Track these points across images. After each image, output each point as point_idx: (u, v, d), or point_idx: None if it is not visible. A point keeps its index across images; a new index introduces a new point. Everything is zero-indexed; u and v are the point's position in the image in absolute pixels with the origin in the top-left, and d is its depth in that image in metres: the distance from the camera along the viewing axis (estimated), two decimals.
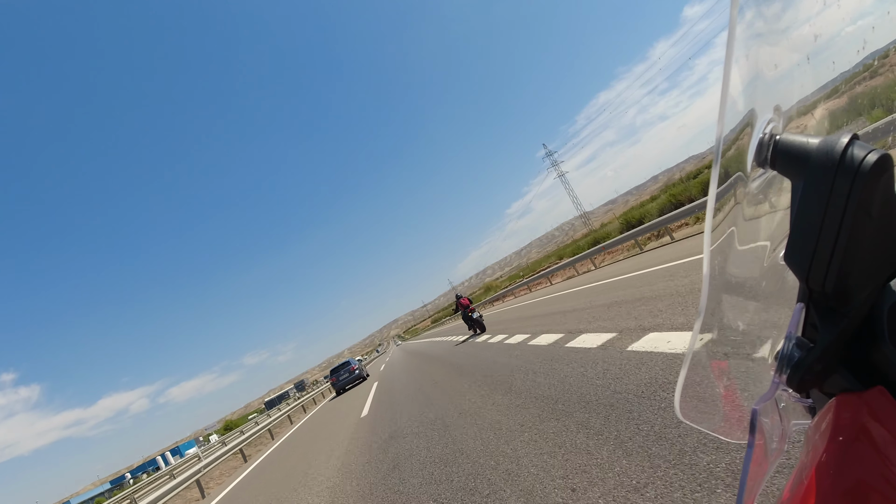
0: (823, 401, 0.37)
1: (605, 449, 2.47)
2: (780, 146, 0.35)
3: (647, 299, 5.62)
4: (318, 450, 7.35)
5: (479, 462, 3.19)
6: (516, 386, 4.76)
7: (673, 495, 1.81)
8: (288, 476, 6.55)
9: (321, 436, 8.94)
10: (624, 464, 2.22)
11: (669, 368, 3.13)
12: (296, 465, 7.08)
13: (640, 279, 7.62)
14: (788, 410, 0.41)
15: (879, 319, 0.33)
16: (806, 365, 0.35)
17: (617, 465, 2.25)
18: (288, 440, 11.99)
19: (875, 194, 0.31)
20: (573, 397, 3.53)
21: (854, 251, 0.32)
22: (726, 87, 0.33)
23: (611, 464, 2.29)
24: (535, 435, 3.15)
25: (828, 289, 0.33)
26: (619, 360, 3.83)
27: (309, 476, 5.69)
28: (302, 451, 8.29)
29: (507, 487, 2.62)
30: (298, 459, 7.56)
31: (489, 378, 5.94)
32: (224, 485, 9.93)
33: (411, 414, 6.29)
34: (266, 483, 7.06)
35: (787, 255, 0.35)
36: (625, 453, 2.32)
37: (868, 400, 0.33)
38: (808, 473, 0.32)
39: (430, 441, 4.41)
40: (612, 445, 2.47)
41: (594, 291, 9.14)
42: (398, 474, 3.86)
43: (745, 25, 0.35)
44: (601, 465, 2.33)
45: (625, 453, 2.32)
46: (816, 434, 0.35)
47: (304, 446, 8.82)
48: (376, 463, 4.58)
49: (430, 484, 3.29)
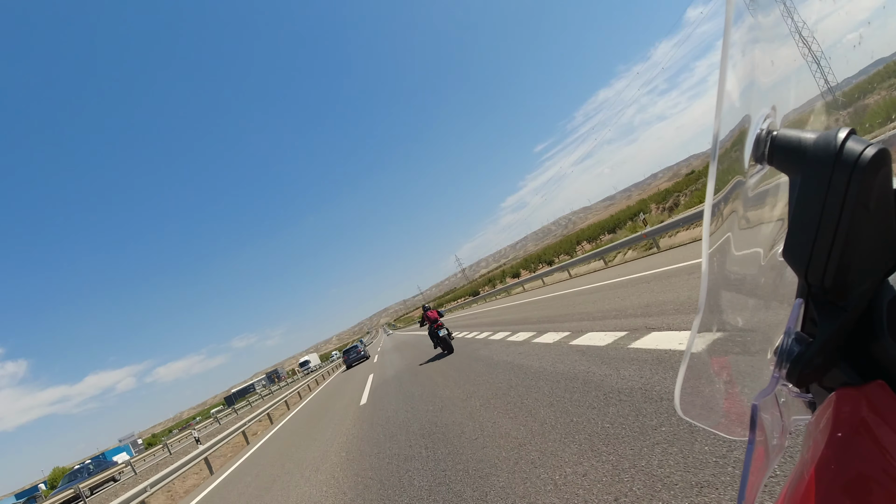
0: (823, 395, 0.37)
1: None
2: (777, 141, 0.35)
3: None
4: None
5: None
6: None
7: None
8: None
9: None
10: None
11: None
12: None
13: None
14: (788, 405, 0.41)
15: (879, 314, 0.33)
16: (805, 360, 0.36)
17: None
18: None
19: (873, 189, 0.31)
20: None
21: (852, 246, 0.32)
22: (723, 83, 0.33)
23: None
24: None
25: (827, 284, 0.33)
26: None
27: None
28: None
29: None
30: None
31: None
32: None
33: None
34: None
35: (785, 250, 0.35)
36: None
37: (868, 394, 0.33)
38: (808, 468, 0.32)
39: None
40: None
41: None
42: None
43: (742, 20, 0.35)
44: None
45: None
46: (817, 428, 0.35)
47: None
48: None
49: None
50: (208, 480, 9.28)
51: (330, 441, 6.85)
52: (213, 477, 9.26)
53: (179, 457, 11.90)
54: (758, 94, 0.37)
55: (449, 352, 10.62)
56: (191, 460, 9.69)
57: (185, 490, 10.15)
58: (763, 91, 0.37)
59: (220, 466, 10.51)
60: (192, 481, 10.55)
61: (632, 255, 14.82)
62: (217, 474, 9.38)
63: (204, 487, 8.67)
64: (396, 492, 3.48)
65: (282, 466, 6.82)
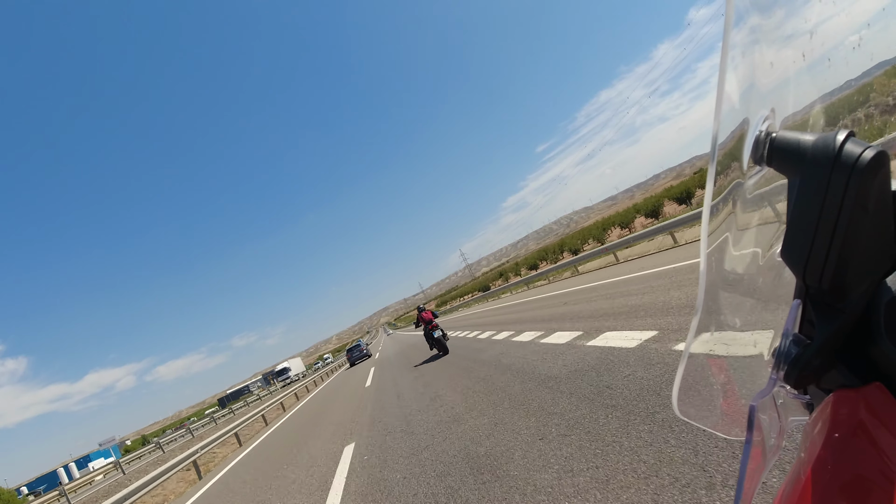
0: (821, 397, 0.37)
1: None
2: (776, 143, 0.35)
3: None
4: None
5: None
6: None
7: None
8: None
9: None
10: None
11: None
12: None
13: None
14: (786, 407, 0.41)
15: (876, 315, 0.33)
16: (803, 361, 0.35)
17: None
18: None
19: (871, 190, 0.31)
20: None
21: (851, 247, 0.32)
22: (723, 83, 0.33)
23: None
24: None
25: (825, 285, 0.33)
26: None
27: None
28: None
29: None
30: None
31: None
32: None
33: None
34: None
35: (783, 251, 0.35)
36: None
37: (865, 396, 0.33)
38: (805, 469, 0.32)
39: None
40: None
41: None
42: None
43: (742, 21, 0.35)
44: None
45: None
46: (814, 430, 0.35)
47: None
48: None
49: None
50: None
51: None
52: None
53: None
54: (757, 95, 0.37)
55: (444, 353, 10.48)
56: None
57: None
58: (762, 93, 0.37)
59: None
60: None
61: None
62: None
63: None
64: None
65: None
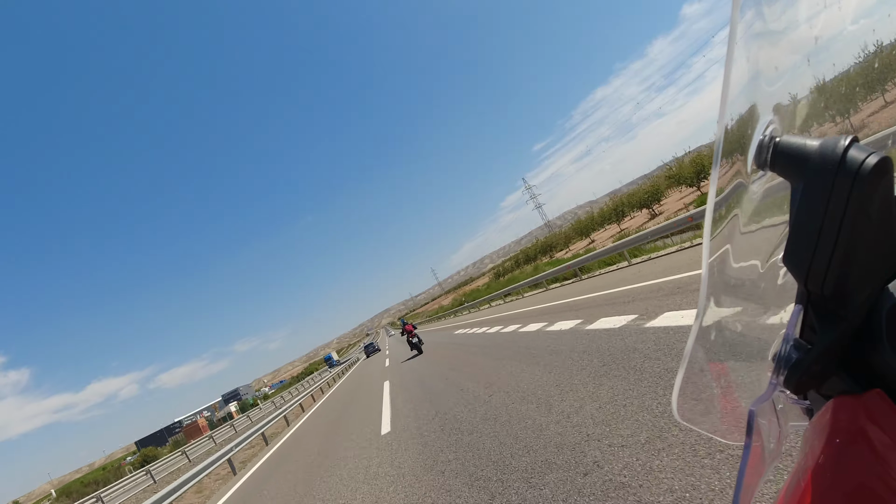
0: (821, 403, 0.37)
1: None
2: (779, 148, 0.35)
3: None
4: None
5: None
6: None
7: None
8: None
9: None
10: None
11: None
12: None
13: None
14: (786, 412, 0.41)
15: (878, 322, 0.33)
16: (804, 366, 0.35)
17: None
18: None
19: (875, 197, 0.31)
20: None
21: (853, 254, 0.32)
22: (727, 87, 0.33)
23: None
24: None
25: (826, 291, 0.33)
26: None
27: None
28: None
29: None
30: None
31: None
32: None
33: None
34: None
35: (785, 256, 0.35)
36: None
37: (866, 402, 0.33)
38: (804, 475, 0.31)
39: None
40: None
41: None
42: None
43: (746, 25, 0.34)
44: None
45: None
46: (814, 436, 0.35)
47: None
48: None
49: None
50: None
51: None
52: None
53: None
54: (761, 100, 0.37)
55: (419, 353, 15.73)
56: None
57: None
58: (766, 97, 0.37)
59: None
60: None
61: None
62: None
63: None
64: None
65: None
